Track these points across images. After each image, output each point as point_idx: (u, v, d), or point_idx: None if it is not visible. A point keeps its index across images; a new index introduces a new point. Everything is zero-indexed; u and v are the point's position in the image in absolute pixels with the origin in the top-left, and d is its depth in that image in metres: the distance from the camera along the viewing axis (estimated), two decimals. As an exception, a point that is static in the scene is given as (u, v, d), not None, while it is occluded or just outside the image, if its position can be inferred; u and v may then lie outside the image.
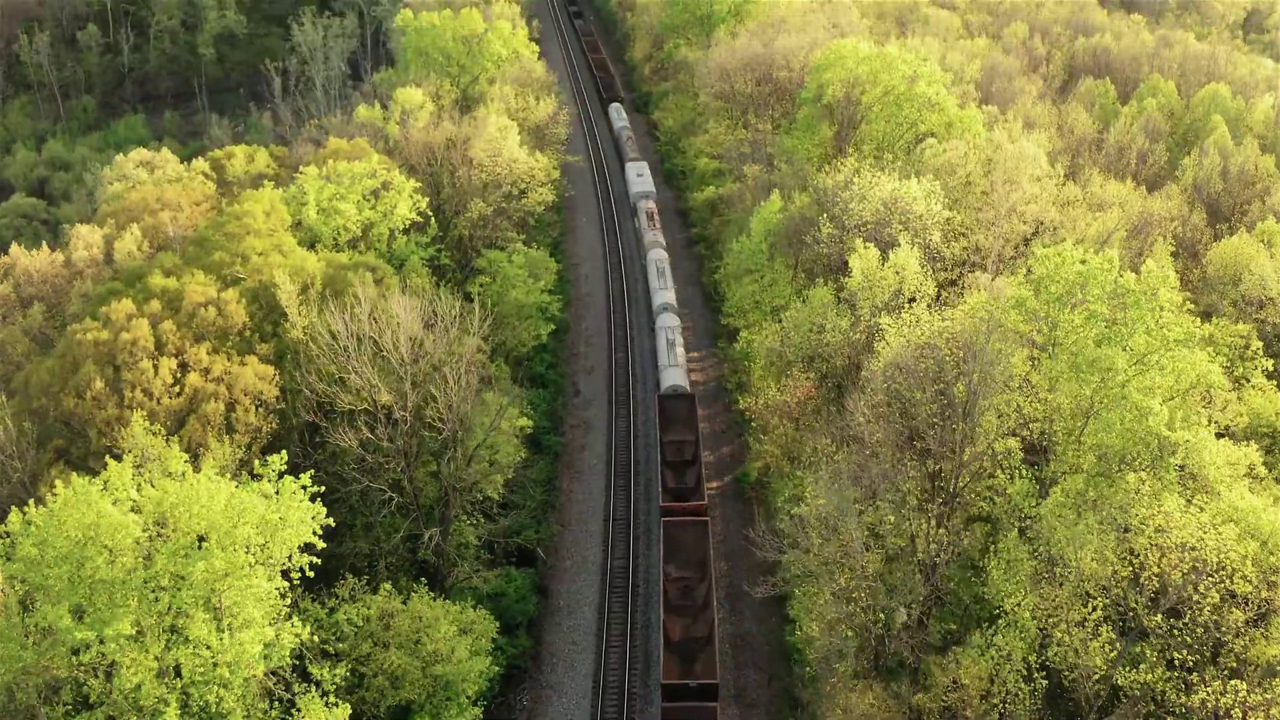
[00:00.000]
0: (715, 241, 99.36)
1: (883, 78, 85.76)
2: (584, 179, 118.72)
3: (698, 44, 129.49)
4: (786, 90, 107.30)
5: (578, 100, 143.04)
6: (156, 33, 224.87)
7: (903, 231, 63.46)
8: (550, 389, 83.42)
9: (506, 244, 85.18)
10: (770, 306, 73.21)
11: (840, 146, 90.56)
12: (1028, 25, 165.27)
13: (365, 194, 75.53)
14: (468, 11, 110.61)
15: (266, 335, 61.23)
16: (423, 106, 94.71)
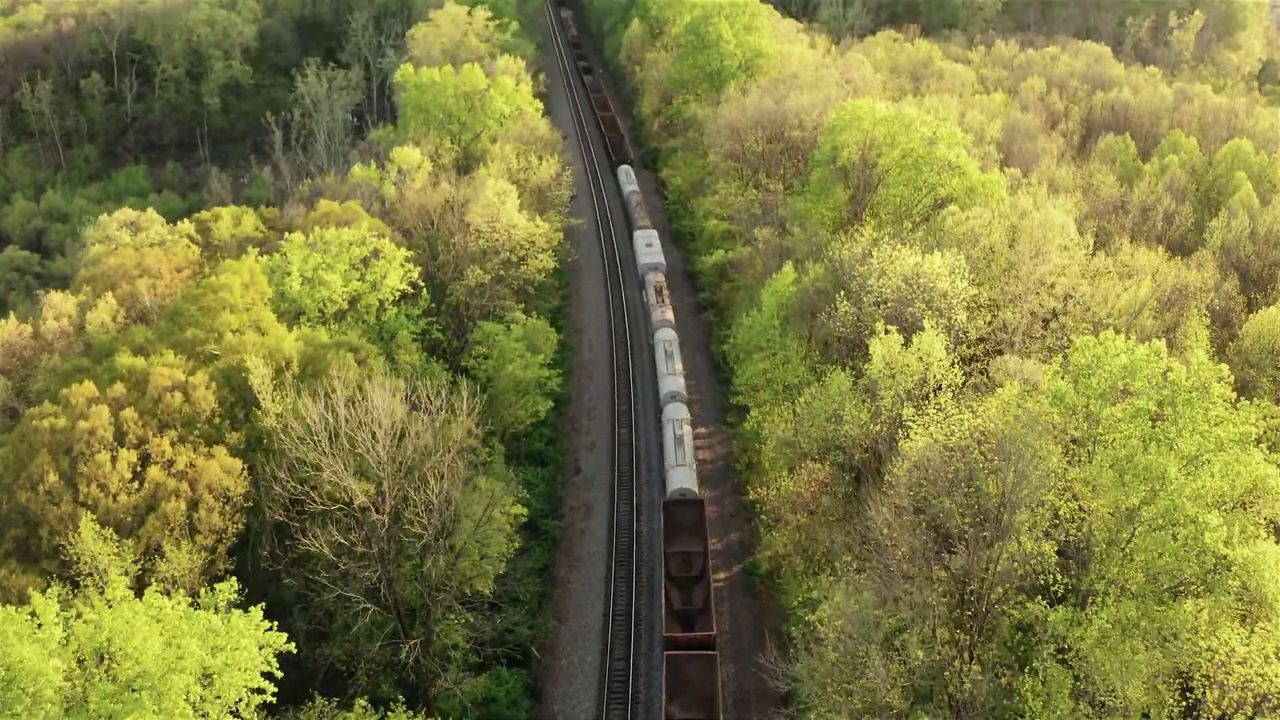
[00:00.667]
0: (724, 308, 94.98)
1: (900, 139, 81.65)
2: (589, 241, 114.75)
3: (707, 100, 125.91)
4: (799, 149, 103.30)
5: (585, 160, 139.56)
6: (161, 81, 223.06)
7: (927, 312, 58.84)
8: (550, 467, 78.71)
9: (505, 313, 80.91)
10: (782, 385, 68.52)
11: (856, 211, 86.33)
12: (1044, 80, 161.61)
13: (354, 263, 71.35)
14: (470, 68, 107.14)
15: (238, 422, 56.74)
16: (420, 166, 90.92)
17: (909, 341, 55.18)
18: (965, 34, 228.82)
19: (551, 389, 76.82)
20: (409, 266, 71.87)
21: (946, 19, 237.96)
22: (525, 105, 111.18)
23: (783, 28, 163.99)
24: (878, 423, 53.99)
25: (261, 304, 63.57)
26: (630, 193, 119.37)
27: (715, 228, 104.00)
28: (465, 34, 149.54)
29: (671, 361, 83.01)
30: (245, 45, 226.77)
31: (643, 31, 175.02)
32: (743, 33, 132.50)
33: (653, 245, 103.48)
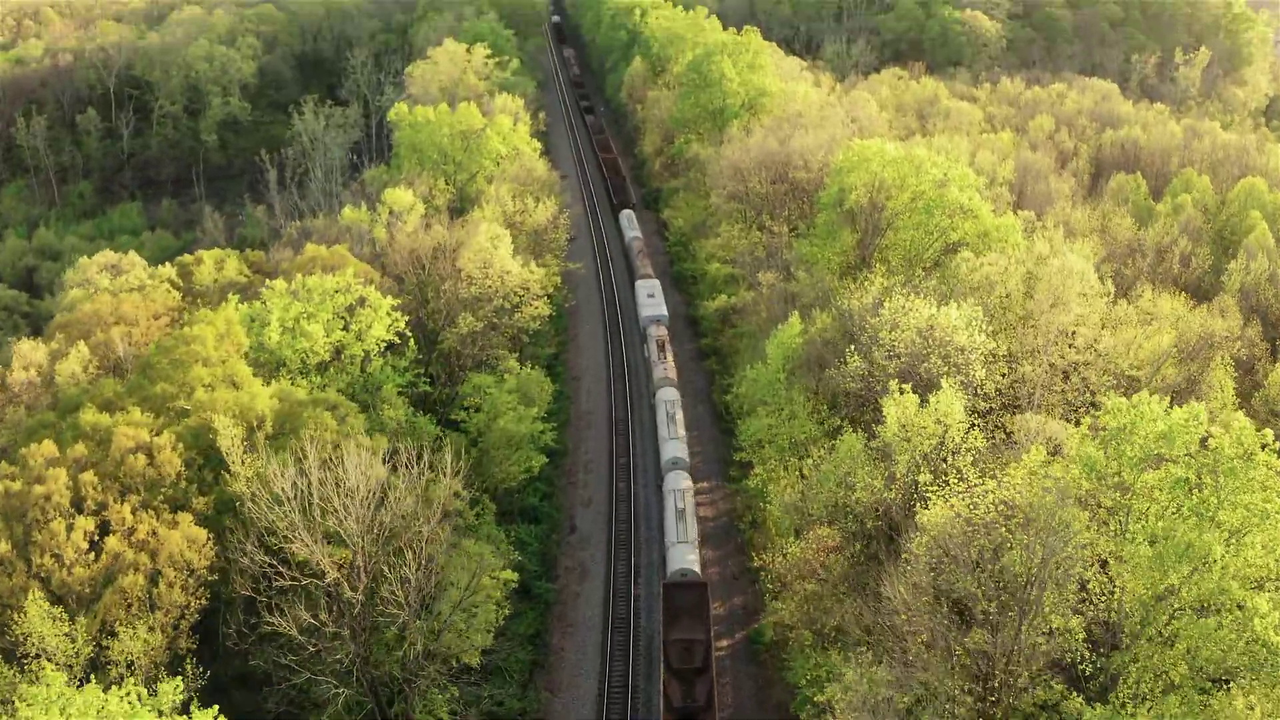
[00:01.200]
0: (727, 355, 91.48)
1: (910, 182, 78.47)
2: (589, 285, 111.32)
3: (710, 140, 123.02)
4: (804, 191, 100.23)
5: (586, 202, 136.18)
6: (159, 117, 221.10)
7: (943, 368, 55.26)
8: (544, 524, 74.79)
9: (498, 362, 77.33)
10: (788, 441, 64.80)
11: (864, 256, 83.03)
12: (1053, 118, 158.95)
13: (338, 311, 67.93)
14: (465, 106, 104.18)
15: (206, 485, 53.09)
16: (412, 208, 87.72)
17: (925, 401, 51.50)
18: (970, 71, 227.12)
19: (545, 443, 73.06)
20: (395, 316, 68.40)
21: (951, 56, 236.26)
22: (523, 145, 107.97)
23: (786, 66, 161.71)
24: (892, 489, 50.23)
25: (237, 356, 60.09)
26: (632, 239, 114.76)
27: (718, 271, 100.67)
28: (464, 72, 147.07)
29: (673, 424, 77.79)
30: (244, 82, 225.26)
31: (644, 69, 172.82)
32: (746, 71, 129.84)
33: (655, 296, 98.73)
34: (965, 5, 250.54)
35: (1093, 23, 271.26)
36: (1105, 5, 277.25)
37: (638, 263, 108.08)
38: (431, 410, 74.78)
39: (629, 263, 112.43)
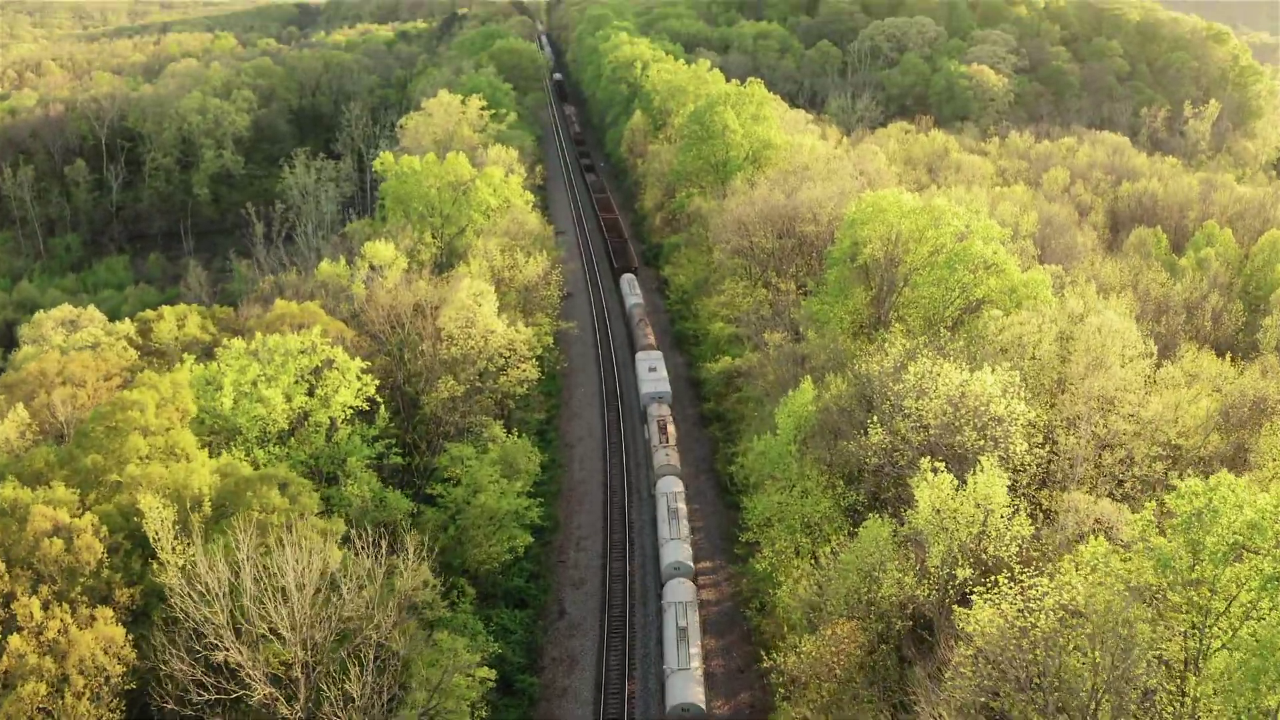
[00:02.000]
0: (732, 421, 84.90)
1: (930, 234, 72.36)
2: (585, 347, 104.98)
3: (712, 193, 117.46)
4: (813, 246, 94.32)
5: (585, 265, 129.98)
6: (151, 170, 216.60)
7: (977, 440, 48.57)
8: (530, 609, 67.64)
9: (482, 429, 70.67)
10: (800, 521, 57.90)
11: (879, 315, 76.72)
12: (1068, 171, 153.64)
13: (302, 374, 61.48)
14: (454, 156, 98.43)
15: (134, 575, 46.25)
16: (394, 263, 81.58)
17: (962, 481, 44.75)
18: (978, 125, 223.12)
19: (532, 520, 66.08)
20: (365, 380, 61.92)
21: (957, 111, 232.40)
22: (515, 197, 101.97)
23: (791, 118, 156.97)
24: (926, 586, 43.31)
25: (182, 425, 53.49)
26: (633, 306, 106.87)
27: (721, 331, 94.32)
28: (458, 124, 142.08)
29: (676, 521, 68.97)
30: (238, 135, 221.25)
31: (645, 123, 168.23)
32: (750, 122, 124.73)
33: (657, 370, 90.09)
34: (971, 60, 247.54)
35: (1100, 77, 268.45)
36: (1112, 59, 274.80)
37: (639, 332, 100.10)
38: (409, 484, 68.16)
39: (629, 331, 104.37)
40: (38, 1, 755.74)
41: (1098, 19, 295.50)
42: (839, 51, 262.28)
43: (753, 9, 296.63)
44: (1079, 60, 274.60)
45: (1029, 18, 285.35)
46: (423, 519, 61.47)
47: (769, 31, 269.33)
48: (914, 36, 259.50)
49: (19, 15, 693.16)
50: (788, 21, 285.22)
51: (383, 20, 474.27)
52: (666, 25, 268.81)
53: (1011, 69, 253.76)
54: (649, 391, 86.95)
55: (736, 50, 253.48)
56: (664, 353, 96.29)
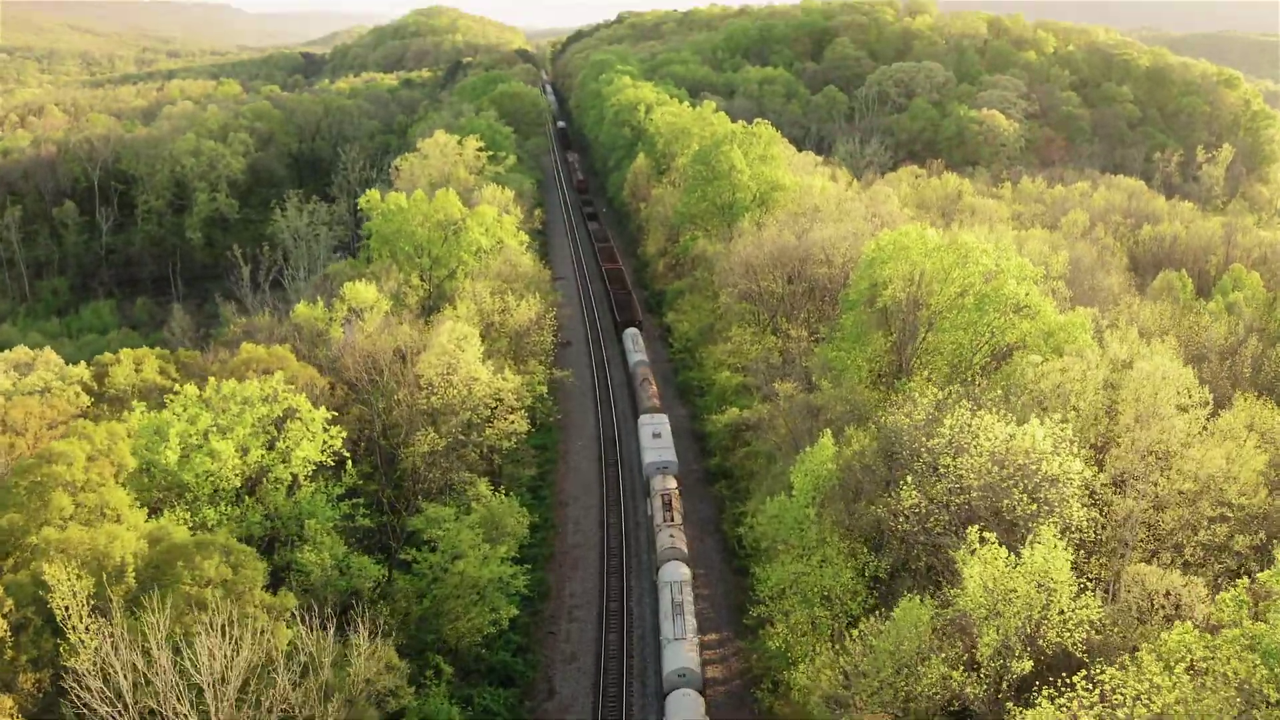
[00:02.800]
0: (739, 477, 78.32)
1: (957, 274, 66.13)
2: (583, 395, 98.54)
3: (718, 236, 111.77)
4: (825, 289, 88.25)
5: (586, 317, 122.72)
6: (143, 213, 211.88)
7: (1029, 505, 41.97)
8: (516, 688, 60.59)
9: (465, 487, 64.10)
10: (819, 594, 51.13)
11: (900, 362, 70.32)
12: (1088, 214, 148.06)
13: (262, 424, 55.13)
14: (444, 193, 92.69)
15: (42, 657, 39.60)
16: (374, 306, 75.50)
17: (1014, 552, 38.09)
18: (989, 170, 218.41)
19: (517, 589, 59.23)
20: (332, 432, 55.51)
21: (968, 156, 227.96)
22: (508, 238, 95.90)
23: (799, 160, 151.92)
24: (976, 681, 36.53)
25: (116, 480, 47.06)
26: (637, 364, 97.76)
27: (727, 381, 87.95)
28: (454, 165, 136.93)
29: (681, 619, 59.82)
30: (233, 179, 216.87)
31: (648, 166, 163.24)
32: (757, 163, 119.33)
33: (662, 437, 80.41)
34: (981, 105, 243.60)
35: (1111, 122, 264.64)
36: (1123, 105, 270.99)
37: (643, 392, 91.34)
38: (384, 546, 61.54)
39: (632, 390, 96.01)
40: (46, 48, 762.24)
41: (1107, 64, 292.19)
42: (845, 97, 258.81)
43: (758, 55, 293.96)
44: (1089, 105, 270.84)
45: (1038, 63, 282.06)
46: (394, 588, 54.78)
47: (774, 77, 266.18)
48: (922, 82, 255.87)
49: (27, 61, 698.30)
50: (793, 67, 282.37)
51: (388, 69, 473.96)
52: (671, 71, 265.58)
53: (1022, 114, 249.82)
54: (653, 461, 77.47)
55: (741, 95, 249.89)
56: (669, 411, 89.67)
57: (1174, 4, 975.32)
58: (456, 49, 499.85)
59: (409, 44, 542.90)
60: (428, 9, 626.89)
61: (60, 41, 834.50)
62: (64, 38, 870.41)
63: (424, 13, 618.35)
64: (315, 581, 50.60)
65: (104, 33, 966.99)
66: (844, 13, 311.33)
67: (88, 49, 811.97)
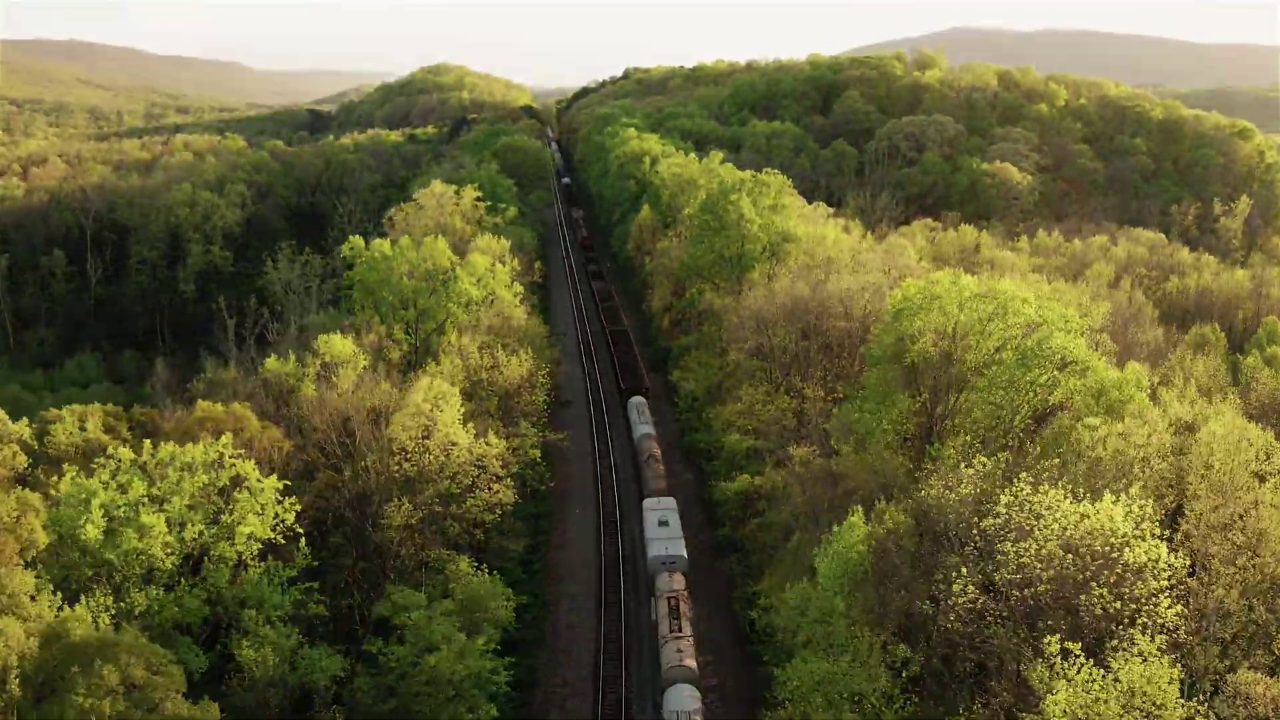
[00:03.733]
0: (751, 551, 70.92)
1: (996, 327, 59.25)
2: (582, 461, 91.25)
3: (726, 289, 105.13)
4: (844, 344, 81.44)
5: (587, 377, 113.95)
6: (136, 264, 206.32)
7: (1111, 602, 34.61)
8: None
9: (442, 564, 56.80)
10: (850, 698, 43.53)
11: (930, 423, 63.25)
12: (1113, 266, 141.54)
13: (204, 494, 48.08)
14: (431, 240, 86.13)
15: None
16: (350, 361, 68.72)
17: (1096, 659, 30.69)
18: (1003, 224, 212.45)
19: (498, 686, 51.63)
20: (285, 504, 48.43)
21: (981, 209, 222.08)
22: (501, 290, 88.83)
23: (810, 211, 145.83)
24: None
25: (15, 561, 39.94)
26: (643, 436, 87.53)
27: (737, 444, 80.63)
28: (451, 216, 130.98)
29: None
30: (229, 230, 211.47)
31: (653, 219, 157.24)
32: (767, 212, 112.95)
33: (669, 525, 69.59)
34: (993, 157, 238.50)
35: (1125, 175, 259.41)
36: (1137, 157, 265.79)
37: (648, 471, 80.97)
38: (350, 634, 54.13)
39: (637, 467, 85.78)
40: (55, 101, 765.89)
41: (1120, 116, 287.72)
42: (855, 151, 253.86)
43: (765, 109, 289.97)
44: (1103, 158, 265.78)
45: (1050, 115, 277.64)
46: (354, 687, 47.31)
47: (782, 131, 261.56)
48: (933, 135, 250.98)
49: (35, 114, 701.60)
50: (801, 121, 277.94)
51: (394, 126, 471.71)
52: (677, 124, 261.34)
53: (1034, 167, 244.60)
54: (659, 555, 66.54)
55: (749, 149, 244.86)
56: (675, 478, 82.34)
57: (1169, 65, 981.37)
58: (462, 106, 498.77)
59: (415, 101, 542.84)
60: (435, 66, 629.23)
61: (70, 94, 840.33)
62: (73, 90, 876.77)
63: (431, 70, 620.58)
64: (259, 679, 43.19)
65: (114, 87, 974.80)
66: (852, 67, 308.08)
67: (97, 103, 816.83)
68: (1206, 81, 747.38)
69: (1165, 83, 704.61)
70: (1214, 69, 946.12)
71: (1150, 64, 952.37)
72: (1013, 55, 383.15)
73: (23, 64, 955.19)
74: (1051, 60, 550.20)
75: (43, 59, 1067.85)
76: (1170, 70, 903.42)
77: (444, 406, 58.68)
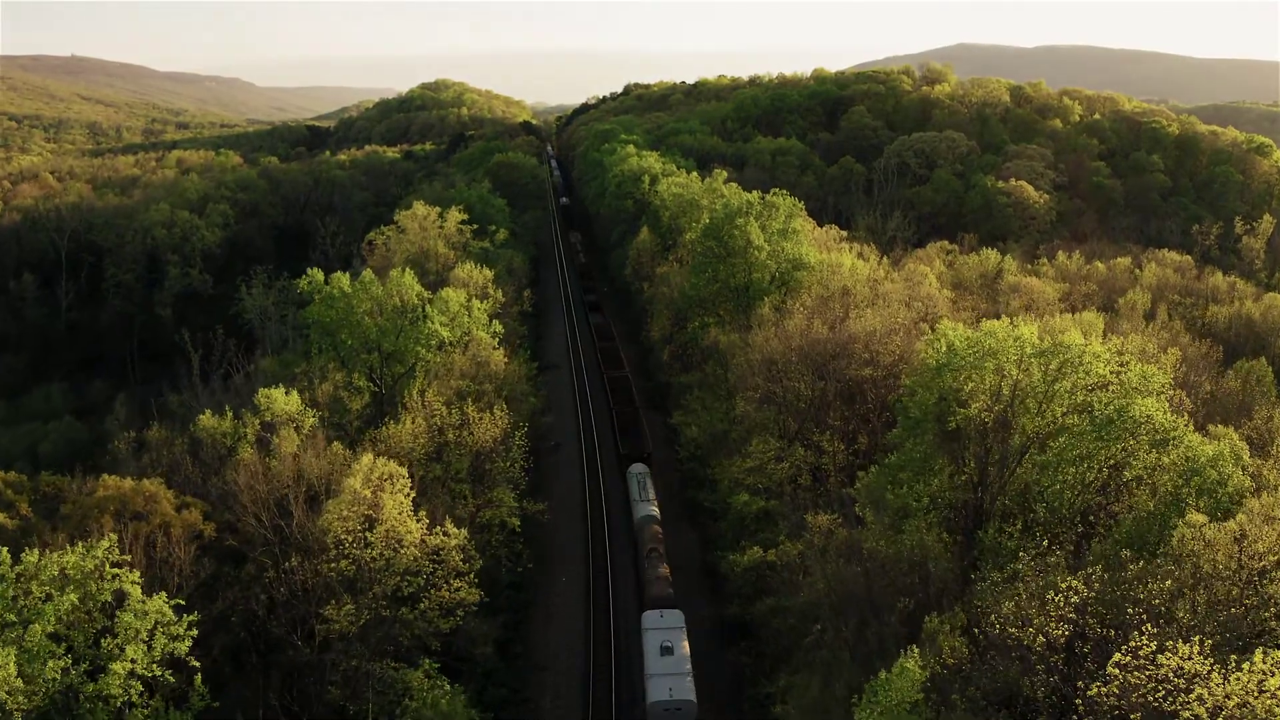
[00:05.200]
0: (764, 639, 60.75)
1: (1062, 389, 49.20)
2: (572, 511, 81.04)
3: (732, 323, 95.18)
4: (870, 391, 71.45)
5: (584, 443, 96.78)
6: (110, 287, 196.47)
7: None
8: None
9: (392, 680, 46.58)
10: None
11: (979, 502, 53.14)
12: (1149, 294, 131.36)
13: (89, 610, 38.04)
14: (398, 274, 75.86)
15: None
16: (296, 420, 58.60)
17: None
18: (1019, 245, 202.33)
19: None
20: (180, 623, 38.35)
21: (995, 230, 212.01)
22: (478, 329, 78.24)
23: (821, 235, 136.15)
24: None
25: None
26: (644, 520, 72.01)
27: (747, 505, 70.51)
28: (434, 240, 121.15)
29: None
30: (209, 251, 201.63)
31: (653, 242, 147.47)
32: (777, 237, 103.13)
33: (674, 653, 56.17)
34: (1007, 175, 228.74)
35: (1142, 193, 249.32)
36: (1154, 175, 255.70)
37: (650, 570, 66.16)
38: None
39: (636, 562, 70.73)
40: (55, 117, 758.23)
41: (1135, 133, 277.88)
42: (863, 168, 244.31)
43: (769, 125, 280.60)
44: (1119, 175, 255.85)
45: (1065, 131, 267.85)
46: None
47: (788, 148, 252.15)
48: (944, 152, 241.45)
49: (34, 130, 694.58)
50: (807, 138, 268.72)
51: (392, 143, 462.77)
52: (678, 141, 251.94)
53: (1050, 185, 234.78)
54: (661, 700, 52.84)
55: (753, 166, 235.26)
56: (678, 538, 71.96)
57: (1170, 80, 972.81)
58: (461, 122, 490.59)
59: (414, 118, 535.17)
60: (434, 83, 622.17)
61: (70, 111, 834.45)
62: (74, 107, 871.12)
63: (430, 86, 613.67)
64: None
65: (115, 103, 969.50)
66: (859, 81, 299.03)
67: (97, 119, 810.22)
68: (1208, 97, 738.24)
69: (1168, 98, 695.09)
70: (1215, 85, 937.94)
71: (1151, 79, 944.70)
72: (1014, 71, 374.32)
73: (24, 80, 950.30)
74: (1053, 77, 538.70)
75: (45, 75, 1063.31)
76: (1172, 86, 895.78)
77: (393, 490, 48.51)
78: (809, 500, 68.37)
